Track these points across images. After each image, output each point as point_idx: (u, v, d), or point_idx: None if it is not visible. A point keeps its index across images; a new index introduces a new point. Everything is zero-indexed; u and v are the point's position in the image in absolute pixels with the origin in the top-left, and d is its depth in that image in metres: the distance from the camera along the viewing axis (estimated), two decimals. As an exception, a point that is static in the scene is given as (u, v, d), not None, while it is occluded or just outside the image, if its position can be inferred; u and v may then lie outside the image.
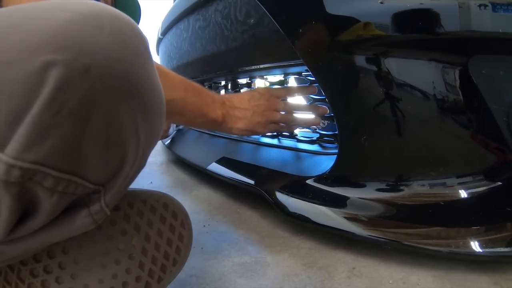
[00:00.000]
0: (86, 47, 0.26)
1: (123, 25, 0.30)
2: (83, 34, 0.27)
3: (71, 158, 0.28)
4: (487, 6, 0.50)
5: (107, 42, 0.28)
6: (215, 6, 0.87)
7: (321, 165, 0.71)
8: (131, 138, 0.31)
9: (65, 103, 0.26)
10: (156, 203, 0.41)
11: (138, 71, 0.30)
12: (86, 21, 0.27)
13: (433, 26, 0.52)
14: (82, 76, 0.26)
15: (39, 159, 0.26)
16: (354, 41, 0.57)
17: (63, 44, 0.26)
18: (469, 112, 0.56)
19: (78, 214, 0.32)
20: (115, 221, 0.39)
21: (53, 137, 0.26)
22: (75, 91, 0.26)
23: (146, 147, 0.33)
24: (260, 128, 0.74)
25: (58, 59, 0.25)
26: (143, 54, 0.31)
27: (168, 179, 1.14)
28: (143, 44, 0.31)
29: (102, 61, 0.27)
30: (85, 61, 0.26)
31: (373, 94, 0.58)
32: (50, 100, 0.25)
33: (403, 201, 0.58)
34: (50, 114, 0.26)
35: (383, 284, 0.50)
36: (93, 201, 0.32)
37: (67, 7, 0.28)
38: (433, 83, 0.55)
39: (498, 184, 0.56)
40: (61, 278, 0.38)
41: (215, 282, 0.53)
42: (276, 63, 0.79)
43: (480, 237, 0.52)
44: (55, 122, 0.26)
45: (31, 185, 0.27)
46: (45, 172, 0.27)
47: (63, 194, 0.29)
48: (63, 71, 0.25)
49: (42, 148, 0.26)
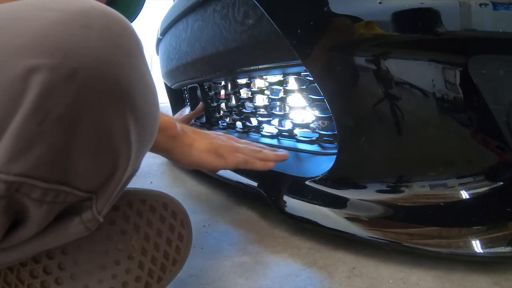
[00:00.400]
0: (72, 49, 0.25)
1: (113, 23, 0.28)
2: (69, 35, 0.25)
3: (59, 167, 0.27)
4: (487, 5, 0.50)
5: (95, 42, 0.26)
6: (213, 6, 0.87)
7: (320, 166, 0.71)
8: (122, 143, 0.29)
9: (50, 110, 0.24)
10: (155, 203, 0.41)
11: (129, 72, 0.28)
12: (72, 21, 0.25)
13: (433, 26, 0.52)
14: (67, 81, 0.24)
15: (25, 171, 0.25)
16: (352, 42, 0.57)
17: (47, 47, 0.24)
18: (469, 112, 0.56)
19: (71, 222, 0.31)
20: (114, 221, 0.39)
21: (38, 147, 0.25)
22: (61, 97, 0.25)
23: (139, 151, 0.32)
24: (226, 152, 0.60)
25: (42, 63, 0.24)
26: (135, 54, 0.29)
27: (168, 179, 1.14)
28: (135, 42, 0.30)
29: (89, 63, 0.25)
30: (70, 64, 0.24)
31: (372, 95, 0.58)
32: (34, 108, 0.24)
33: (403, 202, 0.58)
34: (35, 123, 0.24)
35: (383, 284, 0.50)
36: (84, 208, 0.31)
37: (53, 5, 0.26)
38: (432, 83, 0.55)
39: (499, 184, 0.56)
40: (61, 279, 0.38)
41: (215, 282, 0.53)
42: (275, 63, 0.79)
43: (481, 238, 0.52)
44: (40, 131, 0.25)
45: (18, 197, 0.26)
46: (32, 184, 0.26)
47: (52, 203, 0.28)
48: (47, 77, 0.24)
49: (27, 159, 0.25)
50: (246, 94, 1.05)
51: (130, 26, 0.30)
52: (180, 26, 1.13)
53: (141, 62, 0.30)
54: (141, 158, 0.33)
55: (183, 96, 1.71)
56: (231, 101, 1.13)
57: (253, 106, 1.01)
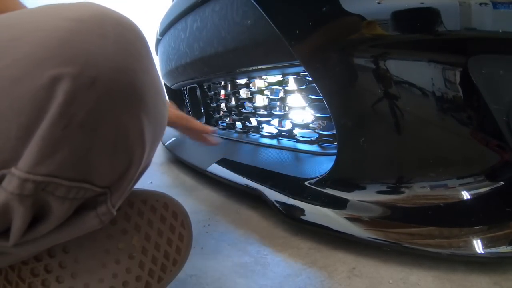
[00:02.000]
0: (91, 59, 0.26)
1: (126, 30, 0.29)
2: (87, 45, 0.26)
3: (81, 167, 0.29)
4: (487, 4, 0.50)
5: (112, 52, 0.27)
6: (212, 7, 0.87)
7: (320, 167, 0.71)
8: (137, 143, 0.31)
9: (74, 116, 0.26)
10: (156, 203, 0.41)
11: (143, 77, 0.30)
12: (89, 30, 0.27)
13: (432, 26, 0.52)
14: (89, 89, 0.26)
15: (51, 171, 0.27)
16: (350, 42, 0.57)
17: (68, 57, 0.26)
18: (469, 112, 0.56)
19: (86, 216, 0.33)
20: (115, 220, 0.39)
21: (63, 149, 0.27)
22: (83, 104, 0.26)
23: (151, 148, 0.34)
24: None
25: (65, 72, 0.25)
26: (145, 59, 0.31)
27: (168, 179, 1.14)
28: (145, 47, 0.31)
29: (107, 73, 0.27)
30: (91, 73, 0.26)
31: (371, 95, 0.58)
32: (59, 115, 0.26)
33: (404, 203, 0.58)
34: (60, 128, 0.26)
35: (383, 284, 0.50)
36: (99, 202, 0.33)
37: (67, 14, 0.27)
38: (432, 83, 0.55)
39: (499, 184, 0.56)
40: (62, 277, 0.38)
41: (215, 282, 0.53)
42: (273, 64, 0.79)
43: (481, 238, 0.52)
44: (65, 136, 0.26)
45: (43, 195, 0.28)
46: (57, 183, 0.28)
47: (73, 200, 0.30)
48: (71, 85, 0.26)
49: (53, 160, 0.27)
50: (246, 94, 1.05)
51: (140, 32, 0.32)
52: (179, 27, 1.13)
53: (151, 66, 0.32)
54: (152, 154, 0.36)
55: (183, 96, 1.71)
56: (231, 101, 1.13)
57: (253, 106, 1.01)
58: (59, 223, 0.31)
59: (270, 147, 0.90)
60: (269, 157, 0.86)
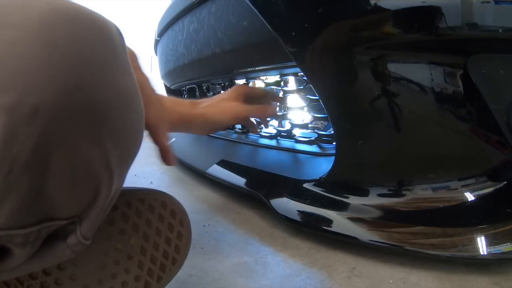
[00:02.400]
0: (31, 80, 0.20)
1: (83, 31, 0.23)
2: (27, 61, 0.20)
3: (36, 210, 0.24)
4: (488, 3, 0.50)
5: (61, 65, 0.21)
6: (208, 8, 0.87)
7: (319, 168, 0.71)
8: (102, 170, 0.26)
9: (16, 159, 0.21)
10: (154, 202, 0.41)
11: (104, 91, 0.24)
12: (32, 40, 0.21)
13: (431, 26, 0.52)
14: (29, 121, 0.21)
15: (1, 225, 0.23)
16: (347, 43, 0.56)
17: (1, 82, 0.20)
18: (469, 112, 0.56)
19: (57, 247, 0.29)
20: (113, 220, 0.39)
21: (10, 199, 0.22)
22: (25, 141, 0.21)
23: (121, 171, 0.29)
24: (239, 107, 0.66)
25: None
26: (111, 64, 0.25)
27: (168, 179, 1.14)
28: (111, 48, 0.25)
29: (53, 95, 0.21)
30: (31, 101, 0.20)
31: (369, 96, 0.58)
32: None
33: (405, 207, 0.58)
34: (1, 176, 0.21)
35: (383, 284, 0.50)
36: (69, 232, 0.28)
37: (10, 19, 0.21)
38: (431, 83, 0.55)
39: (502, 184, 0.55)
40: (60, 280, 0.37)
41: (215, 282, 0.52)
42: (270, 65, 0.78)
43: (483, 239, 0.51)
44: (9, 184, 0.22)
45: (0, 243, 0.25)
46: (11, 234, 0.24)
47: (36, 240, 0.26)
48: (7, 121, 0.20)
49: (1, 214, 0.23)
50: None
51: (106, 28, 0.25)
52: (176, 28, 1.12)
53: (119, 72, 0.25)
54: (124, 176, 0.30)
55: (182, 97, 1.71)
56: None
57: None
58: (27, 257, 0.28)
59: (269, 148, 0.90)
60: (268, 158, 0.86)
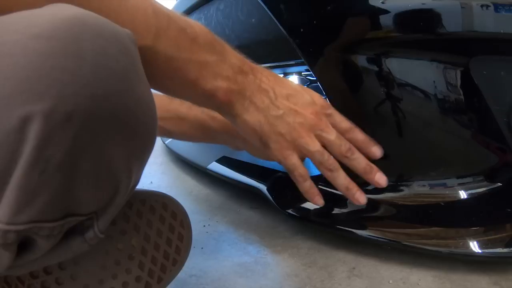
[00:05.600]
0: (65, 89, 0.23)
1: (107, 43, 0.25)
2: (60, 72, 0.23)
3: (63, 205, 0.27)
4: (489, 6, 0.50)
5: (90, 76, 0.24)
6: (216, 5, 0.87)
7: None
8: (122, 171, 0.29)
9: (50, 159, 0.23)
10: (155, 203, 0.41)
11: (127, 100, 0.26)
12: (62, 51, 0.23)
13: (435, 27, 0.52)
14: (64, 126, 0.23)
15: (32, 217, 0.25)
16: (355, 41, 0.57)
17: (38, 91, 0.22)
18: (470, 113, 0.56)
19: (73, 242, 0.31)
20: (114, 221, 0.39)
21: (42, 195, 0.25)
22: (59, 144, 0.23)
23: (139, 171, 0.31)
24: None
25: (35, 111, 0.22)
26: (131, 75, 0.27)
27: (168, 179, 1.14)
28: (131, 59, 0.27)
29: (85, 103, 0.23)
30: (65, 108, 0.23)
31: (374, 94, 0.58)
32: (33, 160, 0.23)
33: (403, 202, 0.58)
34: (36, 174, 0.23)
35: (383, 284, 0.50)
36: (86, 227, 0.30)
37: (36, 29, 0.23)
38: (434, 83, 0.55)
39: (498, 185, 0.55)
40: (61, 279, 0.38)
41: (215, 282, 0.53)
42: (276, 62, 0.79)
43: (479, 238, 0.52)
44: (43, 181, 0.24)
45: (27, 235, 0.27)
46: (40, 226, 0.26)
47: (59, 234, 0.28)
48: (43, 125, 0.22)
49: (33, 207, 0.25)
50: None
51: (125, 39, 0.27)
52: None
53: (138, 81, 0.28)
54: (141, 173, 0.33)
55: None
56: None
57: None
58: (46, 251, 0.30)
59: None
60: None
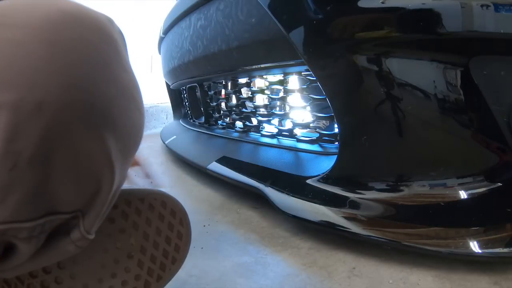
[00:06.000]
0: (36, 77, 0.21)
1: (87, 30, 0.24)
2: (32, 59, 0.21)
3: (41, 203, 0.25)
4: (489, 6, 0.50)
5: (63, 63, 0.22)
6: (216, 5, 0.87)
7: (321, 165, 0.71)
8: (103, 165, 0.27)
9: (20, 153, 0.22)
10: (154, 201, 0.41)
11: (106, 89, 0.25)
12: (36, 39, 0.22)
13: (435, 26, 0.52)
14: (33, 118, 0.21)
15: (6, 218, 0.24)
16: (355, 41, 0.57)
17: (7, 79, 0.21)
18: (470, 113, 0.56)
19: (60, 243, 0.29)
20: (113, 219, 0.39)
21: (15, 192, 0.23)
22: (29, 136, 0.22)
23: (123, 166, 0.29)
24: None
25: (2, 101, 0.21)
26: (112, 63, 0.25)
27: (168, 179, 1.14)
28: (113, 46, 0.26)
29: (56, 92, 0.22)
30: (35, 97, 0.21)
31: (374, 94, 0.58)
32: (1, 155, 0.22)
33: (403, 202, 0.58)
34: (6, 170, 0.22)
35: (383, 284, 0.50)
36: (71, 227, 0.29)
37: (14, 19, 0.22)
38: (434, 83, 0.55)
39: (498, 185, 0.55)
40: (60, 278, 0.37)
41: (215, 282, 0.52)
42: (276, 62, 0.79)
43: (479, 238, 0.51)
44: (13, 178, 0.22)
45: (5, 239, 0.25)
46: (17, 228, 0.24)
47: (40, 234, 0.27)
48: (11, 117, 0.21)
49: (6, 207, 0.23)
50: (246, 93, 1.05)
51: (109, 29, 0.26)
52: (182, 25, 1.13)
53: (120, 69, 0.26)
54: (125, 171, 0.31)
55: (182, 96, 1.71)
56: (231, 101, 1.13)
57: (253, 105, 1.01)
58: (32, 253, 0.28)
59: (270, 146, 0.90)
60: (269, 156, 0.86)
